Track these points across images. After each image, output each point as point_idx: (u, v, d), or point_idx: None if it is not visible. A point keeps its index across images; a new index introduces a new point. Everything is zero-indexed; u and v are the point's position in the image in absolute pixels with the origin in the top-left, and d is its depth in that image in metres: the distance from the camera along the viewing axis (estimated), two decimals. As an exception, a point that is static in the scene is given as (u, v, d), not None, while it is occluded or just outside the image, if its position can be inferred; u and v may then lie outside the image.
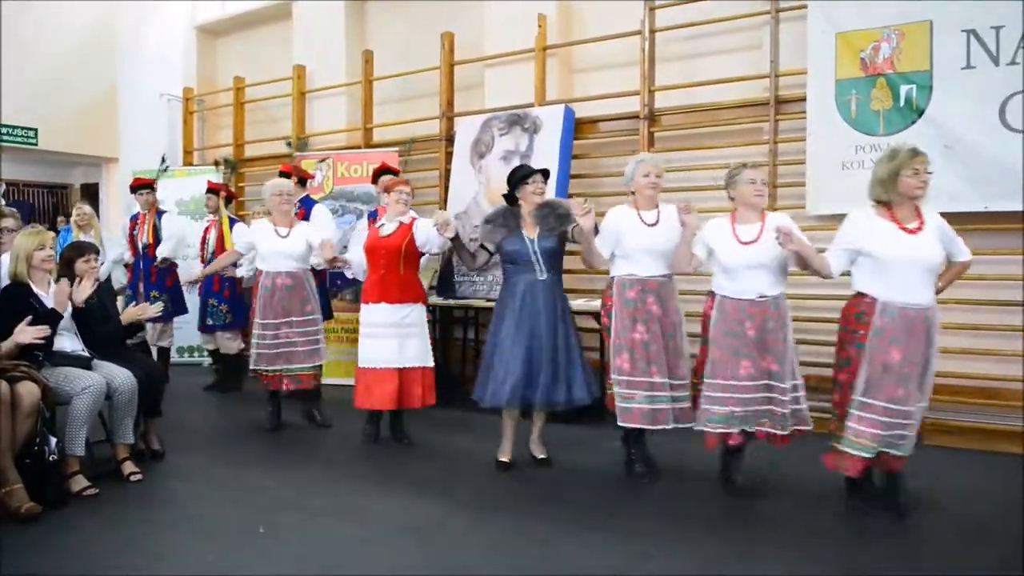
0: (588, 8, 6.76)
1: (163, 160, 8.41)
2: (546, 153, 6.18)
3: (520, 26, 6.63)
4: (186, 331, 7.71)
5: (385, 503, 3.81)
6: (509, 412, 4.33)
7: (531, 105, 6.53)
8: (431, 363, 4.79)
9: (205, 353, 7.85)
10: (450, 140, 7.02)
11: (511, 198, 4.36)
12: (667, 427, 3.93)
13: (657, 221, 4.02)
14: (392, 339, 4.64)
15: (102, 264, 5.19)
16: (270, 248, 5.15)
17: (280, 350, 5.11)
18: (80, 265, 4.34)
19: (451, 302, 6.36)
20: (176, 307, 6.77)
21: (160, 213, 6.83)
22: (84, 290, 4.16)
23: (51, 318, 3.95)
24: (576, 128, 6.39)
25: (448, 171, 6.94)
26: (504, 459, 4.36)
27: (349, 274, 4.88)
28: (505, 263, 4.32)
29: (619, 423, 4.00)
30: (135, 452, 4.33)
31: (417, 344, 4.72)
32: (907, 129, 4.95)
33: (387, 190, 4.81)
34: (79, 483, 3.86)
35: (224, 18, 9.33)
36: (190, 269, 7.01)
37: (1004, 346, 4.76)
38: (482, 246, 4.40)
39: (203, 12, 9.46)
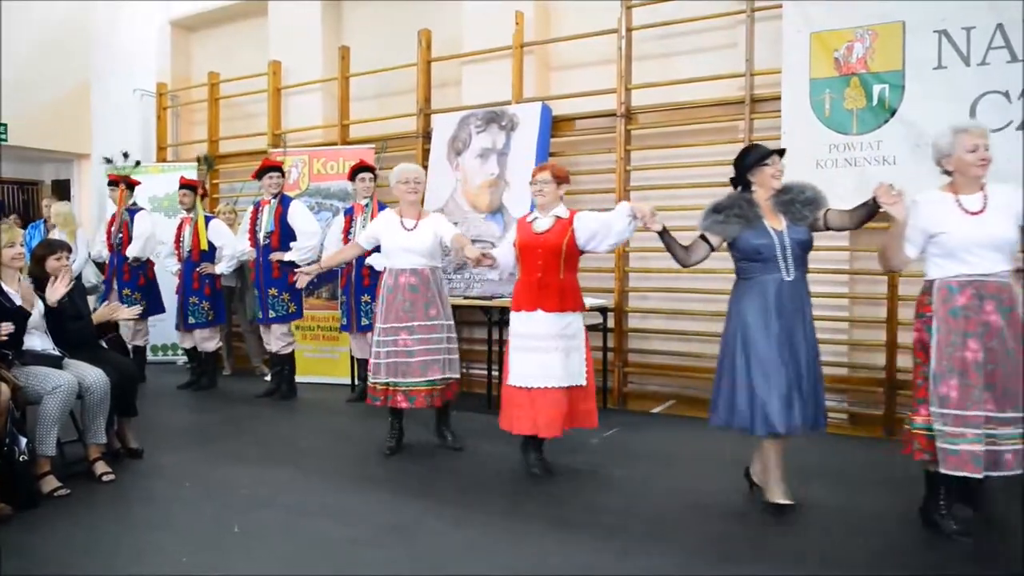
0: (565, 6, 6.77)
1: (125, 156, 8.27)
2: (523, 151, 6.19)
3: (498, 23, 6.62)
4: (160, 329, 7.63)
5: (364, 501, 3.80)
6: (774, 441, 3.55)
7: (508, 102, 6.53)
8: (587, 380, 4.12)
9: (180, 351, 7.78)
10: (427, 137, 7.00)
11: (741, 183, 3.70)
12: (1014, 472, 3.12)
13: (984, 207, 3.20)
14: (557, 352, 3.97)
15: (73, 262, 5.12)
16: (394, 243, 4.50)
17: (396, 359, 4.44)
18: (52, 263, 4.28)
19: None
20: (152, 306, 6.70)
21: (133, 211, 6.75)
22: (58, 290, 4.08)
23: (19, 317, 3.89)
24: (553, 126, 6.40)
25: (425, 168, 6.91)
26: (783, 501, 3.55)
27: (495, 275, 4.24)
28: (744, 260, 3.60)
29: (943, 470, 3.13)
30: (109, 452, 4.29)
31: (579, 359, 4.07)
32: (880, 128, 5.01)
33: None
34: (50, 484, 3.81)
35: (199, 13, 9.22)
36: (165, 267, 6.93)
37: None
38: (703, 238, 3.69)
39: (177, 7, 9.35)
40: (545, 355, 3.97)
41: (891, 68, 5.00)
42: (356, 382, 6.40)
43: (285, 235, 6.11)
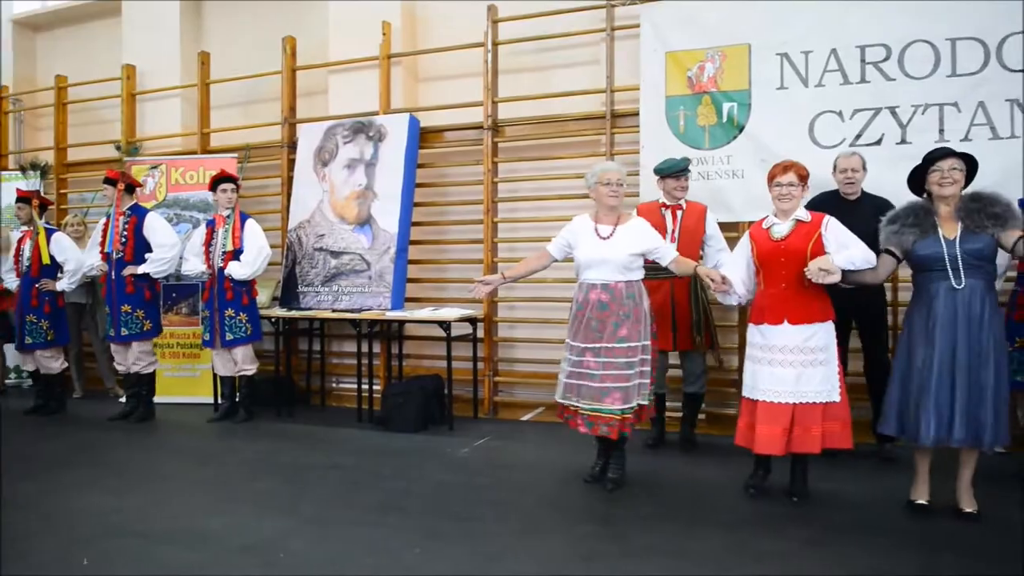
0: (433, 18, 6.81)
1: None
2: (391, 162, 6.18)
3: (365, 33, 6.58)
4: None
5: (225, 522, 3.66)
6: (923, 450, 3.59)
7: (376, 113, 6.50)
8: (836, 397, 3.69)
9: (24, 374, 7.27)
10: (292, 147, 6.86)
11: (918, 188, 3.63)
12: None
13: None
14: (789, 367, 3.67)
15: None
16: (585, 253, 4.00)
17: (579, 381, 3.96)
18: None
19: (295, 313, 6.19)
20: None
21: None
22: None
23: None
24: (421, 137, 6.41)
25: (290, 178, 6.78)
26: (922, 501, 3.62)
27: (733, 300, 3.90)
28: (916, 271, 3.59)
29: None
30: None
31: (822, 373, 3.68)
32: (729, 144, 5.32)
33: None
34: None
35: (44, 12, 8.71)
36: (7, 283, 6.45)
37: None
38: (887, 251, 3.61)
39: (19, 5, 8.78)
40: (778, 369, 3.69)
41: (739, 87, 5.31)
42: (219, 400, 6.16)
43: (140, 248, 5.80)
